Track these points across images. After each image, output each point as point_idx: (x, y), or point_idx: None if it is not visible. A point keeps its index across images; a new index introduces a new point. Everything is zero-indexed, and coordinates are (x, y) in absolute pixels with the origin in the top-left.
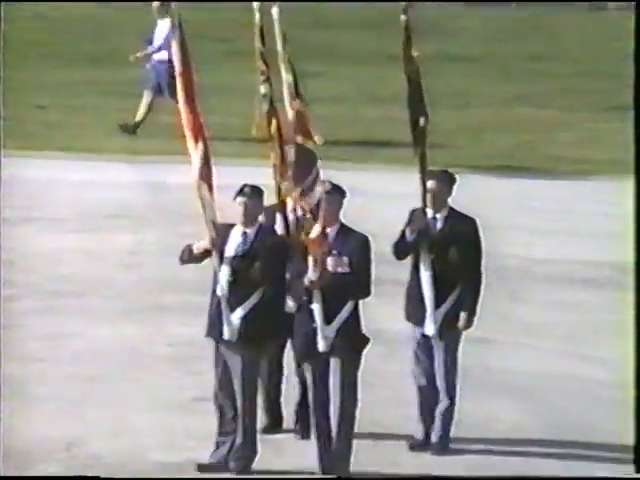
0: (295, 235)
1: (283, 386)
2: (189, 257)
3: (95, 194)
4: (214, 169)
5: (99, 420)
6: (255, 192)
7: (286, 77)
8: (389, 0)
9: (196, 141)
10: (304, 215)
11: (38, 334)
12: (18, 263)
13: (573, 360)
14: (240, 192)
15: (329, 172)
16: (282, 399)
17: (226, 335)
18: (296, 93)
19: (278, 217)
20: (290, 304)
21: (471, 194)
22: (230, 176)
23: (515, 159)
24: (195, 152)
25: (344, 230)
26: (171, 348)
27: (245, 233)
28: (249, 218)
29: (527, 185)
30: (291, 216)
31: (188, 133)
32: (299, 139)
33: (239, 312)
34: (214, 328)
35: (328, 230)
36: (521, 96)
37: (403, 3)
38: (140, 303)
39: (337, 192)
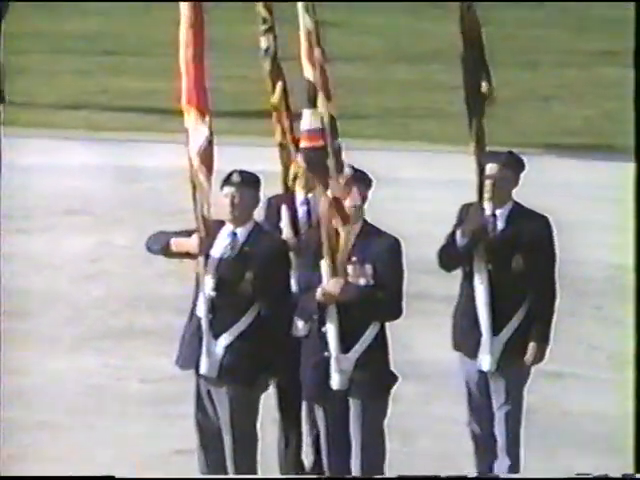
0: (311, 233)
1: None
2: (161, 249)
3: (47, 182)
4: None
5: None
6: (248, 180)
7: (307, 20)
8: None
9: (199, 112)
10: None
11: None
12: None
13: None
14: (227, 180)
15: (351, 153)
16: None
17: (203, 369)
18: (318, 40)
19: (284, 212)
20: (300, 326)
21: (539, 182)
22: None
23: (596, 136)
24: (199, 127)
25: (368, 230)
26: (145, 385)
27: (234, 234)
28: (239, 214)
29: (611, 170)
30: (302, 210)
31: (191, 102)
32: (323, 100)
33: (224, 339)
34: (188, 358)
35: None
36: (608, 52)
37: None
38: (105, 326)
39: (361, 180)
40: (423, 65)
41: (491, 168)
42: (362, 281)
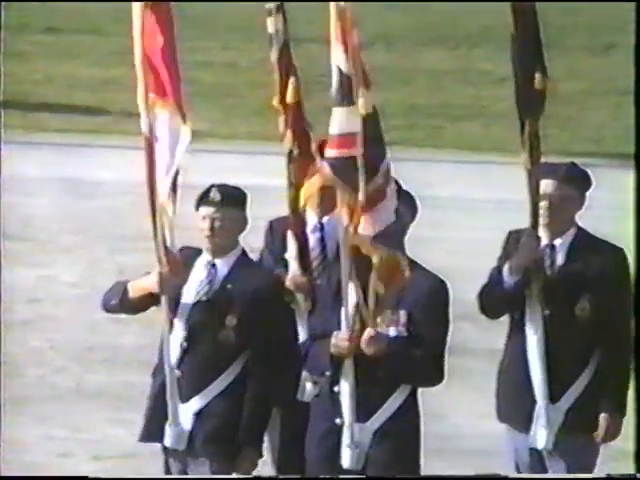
0: (329, 267)
1: None
2: (120, 303)
3: None
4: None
5: None
6: (231, 198)
7: None
8: None
9: (174, 109)
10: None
11: None
12: None
13: None
14: (205, 198)
15: None
16: None
17: (168, 440)
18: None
19: (291, 240)
20: (309, 389)
21: (608, 201)
22: (203, 169)
23: None
24: (172, 126)
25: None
26: (98, 464)
27: (213, 266)
28: (220, 241)
29: None
30: (314, 238)
31: (159, 95)
32: (362, 96)
33: (195, 403)
34: (152, 429)
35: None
36: None
37: None
38: (47, 387)
39: (405, 204)
40: (463, 50)
41: (547, 185)
42: (392, 331)
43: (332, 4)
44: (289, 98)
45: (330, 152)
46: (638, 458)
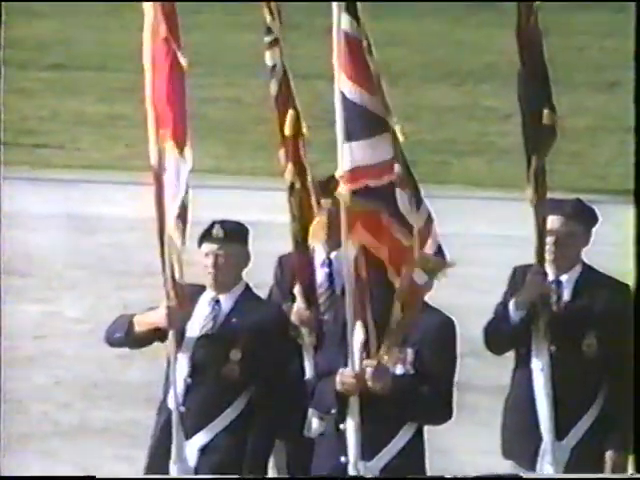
0: (338, 303)
1: None
2: (126, 336)
3: None
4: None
5: None
6: (234, 234)
7: (345, 19)
8: None
9: (180, 146)
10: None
11: None
12: None
13: None
14: (207, 235)
15: None
16: None
17: (175, 474)
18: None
19: (298, 275)
20: (314, 424)
21: (617, 238)
22: (207, 206)
23: None
24: (176, 163)
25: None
26: None
27: (217, 302)
28: (224, 277)
29: None
30: (322, 273)
31: (164, 132)
32: (388, 118)
33: (200, 438)
34: (156, 464)
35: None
36: None
37: None
38: (51, 423)
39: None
40: (468, 86)
41: (554, 221)
42: (399, 369)
43: (337, 35)
44: (287, 130)
45: (353, 184)
46: (638, 458)
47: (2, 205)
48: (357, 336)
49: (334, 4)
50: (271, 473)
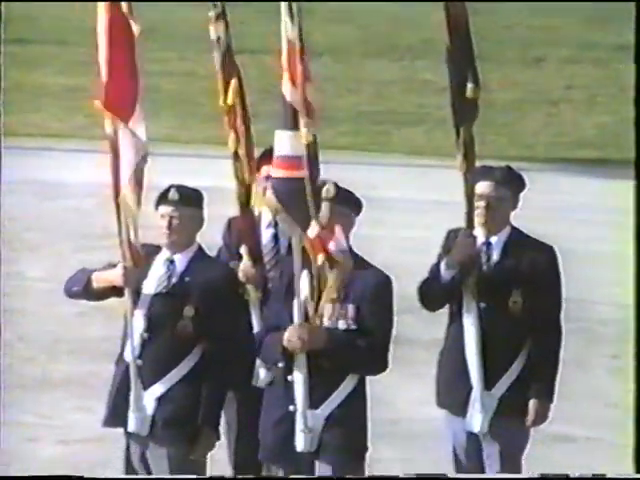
0: (284, 262)
1: None
2: (84, 290)
3: None
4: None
5: None
6: (188, 198)
7: (291, 27)
8: None
9: (127, 113)
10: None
11: None
12: None
13: None
14: (164, 198)
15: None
16: None
17: (131, 426)
18: (302, 51)
19: (244, 236)
20: (262, 374)
21: (544, 204)
22: (163, 172)
23: (612, 148)
24: (127, 135)
25: (354, 263)
26: (64, 447)
27: (171, 262)
28: (178, 238)
29: (630, 190)
30: (268, 234)
31: (116, 104)
32: (305, 122)
33: (156, 389)
34: (114, 414)
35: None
36: (626, 46)
37: None
38: (16, 376)
39: (348, 202)
40: (407, 61)
41: (484, 186)
42: (341, 324)
43: (283, 34)
44: (229, 99)
45: (277, 172)
46: (638, 458)
47: None
48: (302, 292)
49: (282, 4)
50: (222, 422)
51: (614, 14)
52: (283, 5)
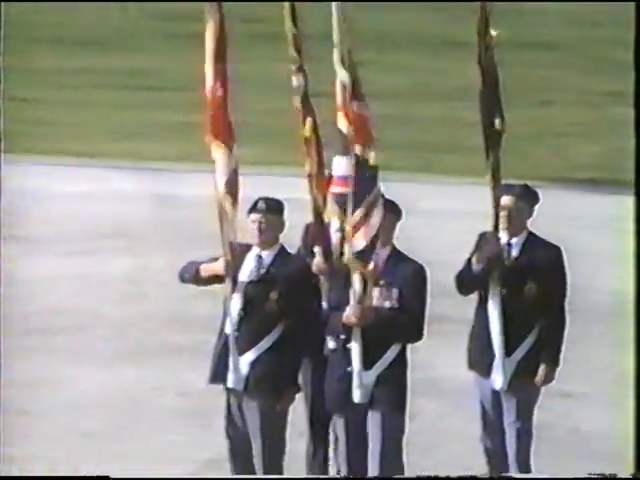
0: (339, 260)
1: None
2: (192, 277)
3: (91, 208)
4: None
5: None
6: (273, 207)
7: (342, 73)
8: None
9: (225, 144)
10: (364, 250)
11: (19, 380)
12: None
13: None
14: (254, 207)
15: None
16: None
17: (230, 383)
18: (354, 92)
19: (318, 238)
20: (330, 345)
21: (553, 214)
22: (254, 187)
23: (607, 171)
24: (223, 158)
25: (396, 256)
26: (181, 398)
27: (260, 257)
28: (265, 239)
29: (622, 203)
30: (335, 237)
31: (214, 134)
32: (358, 149)
33: (249, 355)
34: (217, 374)
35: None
36: (616, 93)
37: None
38: (143, 343)
39: (391, 210)
40: (445, 102)
41: (507, 200)
42: (387, 304)
43: (337, 81)
44: (307, 133)
45: (335, 189)
46: (638, 458)
47: (109, 185)
48: (355, 284)
49: (335, 57)
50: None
51: (608, 65)
52: (335, 55)
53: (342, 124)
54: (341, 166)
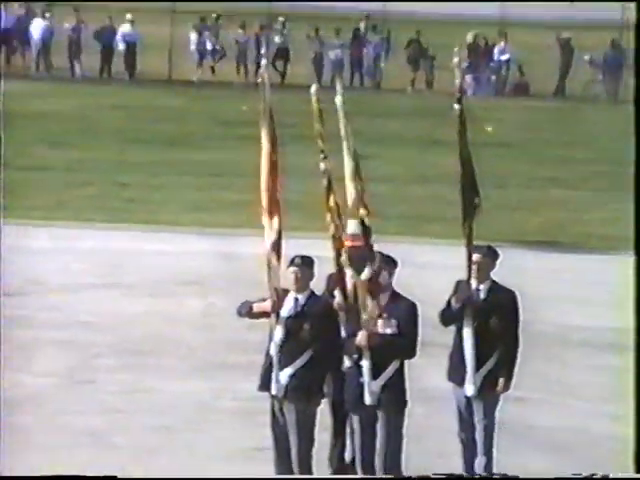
0: (352, 302)
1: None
2: (247, 313)
3: (170, 263)
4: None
5: (170, 467)
6: (305, 262)
7: (349, 161)
8: None
9: (272, 216)
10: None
11: (117, 389)
12: (97, 324)
13: (604, 419)
14: (292, 262)
15: (382, 245)
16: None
17: (273, 391)
18: (357, 174)
19: (338, 284)
20: (347, 363)
21: (510, 267)
22: (293, 248)
23: (549, 235)
24: (270, 225)
25: (395, 296)
26: (236, 402)
27: (296, 299)
28: (300, 285)
29: (560, 259)
30: (351, 283)
31: (266, 208)
32: (363, 213)
33: (288, 371)
34: (264, 384)
35: (381, 296)
36: (555, 179)
37: (456, 95)
38: (209, 361)
39: (390, 262)
40: (432, 185)
41: (476, 256)
42: (389, 330)
43: (348, 193)
44: (331, 204)
45: (348, 244)
46: (638, 458)
47: (181, 245)
48: (364, 315)
49: (347, 172)
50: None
51: (547, 158)
52: (348, 173)
53: (352, 225)
54: (352, 227)
